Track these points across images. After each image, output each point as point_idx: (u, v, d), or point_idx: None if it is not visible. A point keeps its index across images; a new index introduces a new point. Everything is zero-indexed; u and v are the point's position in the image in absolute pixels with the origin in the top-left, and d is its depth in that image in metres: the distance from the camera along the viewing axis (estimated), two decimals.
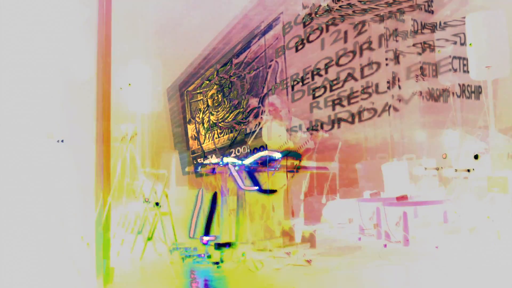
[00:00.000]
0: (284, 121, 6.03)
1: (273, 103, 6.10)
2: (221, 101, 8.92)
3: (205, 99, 9.28)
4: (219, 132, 8.99)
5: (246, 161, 5.26)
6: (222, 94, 8.90)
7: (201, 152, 9.39)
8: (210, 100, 9.15)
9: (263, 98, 8.06)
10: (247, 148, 7.82)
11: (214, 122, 9.06)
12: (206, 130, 9.29)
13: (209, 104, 9.17)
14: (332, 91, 7.44)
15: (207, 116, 9.24)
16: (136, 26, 7.35)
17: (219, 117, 8.96)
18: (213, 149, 9.05)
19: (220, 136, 8.97)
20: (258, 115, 8.02)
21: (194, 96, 9.57)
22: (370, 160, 7.07)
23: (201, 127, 9.40)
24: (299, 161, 5.46)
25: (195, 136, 9.54)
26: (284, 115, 6.05)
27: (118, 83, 6.35)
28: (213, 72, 9.08)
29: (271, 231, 5.19)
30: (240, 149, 8.29)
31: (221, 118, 8.90)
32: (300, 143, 5.92)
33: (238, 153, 8.28)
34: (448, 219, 5.67)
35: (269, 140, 5.82)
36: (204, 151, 9.31)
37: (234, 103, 8.65)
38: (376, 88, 7.16)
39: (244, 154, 7.94)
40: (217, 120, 8.98)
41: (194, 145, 9.58)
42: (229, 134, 8.73)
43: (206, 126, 9.28)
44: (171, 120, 9.77)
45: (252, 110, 8.27)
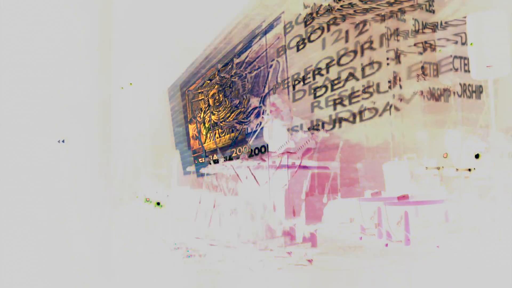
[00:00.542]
0: (285, 120, 6.04)
1: (274, 102, 6.10)
2: (222, 100, 8.92)
3: (206, 99, 9.27)
4: (220, 131, 8.98)
5: (247, 160, 5.26)
6: (223, 94, 8.90)
7: (202, 151, 9.39)
8: (211, 99, 9.15)
9: (264, 98, 8.06)
10: (248, 148, 7.82)
11: (215, 121, 9.06)
12: (207, 129, 9.29)
13: (210, 104, 9.16)
14: (333, 90, 7.44)
15: (208, 116, 9.24)
16: (137, 25, 7.35)
17: (220, 116, 8.96)
18: (214, 148, 9.05)
19: (221, 135, 8.96)
20: (259, 115, 8.02)
21: (195, 96, 9.57)
22: (371, 160, 7.06)
23: (202, 126, 9.40)
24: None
25: (196, 135, 9.54)
26: (285, 115, 6.05)
27: (119, 82, 6.35)
28: (214, 71, 9.07)
29: (272, 230, 5.19)
30: (241, 148, 8.29)
31: (222, 117, 8.90)
32: (301, 143, 5.93)
33: (239, 153, 8.28)
34: (449, 218, 5.67)
35: (270, 140, 5.83)
36: (205, 150, 9.31)
37: (235, 103, 8.65)
38: (377, 87, 7.15)
39: (245, 154, 7.94)
40: (218, 119, 8.98)
41: (195, 144, 9.59)
42: (230, 134, 8.73)
43: (207, 125, 9.28)
44: (172, 119, 9.76)
45: (253, 110, 8.27)
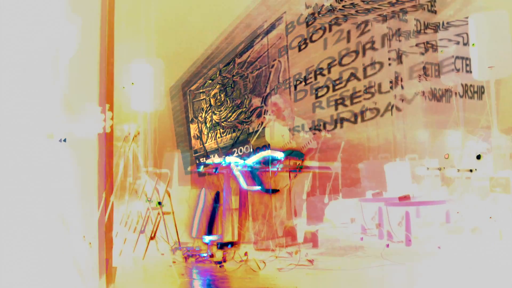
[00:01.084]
0: (287, 120, 6.04)
1: (275, 102, 6.10)
2: (223, 100, 8.92)
3: (207, 99, 9.27)
4: (221, 131, 8.98)
5: (248, 160, 5.27)
6: (225, 94, 8.90)
7: (203, 151, 9.39)
8: (212, 99, 9.15)
9: (265, 98, 8.06)
10: (250, 148, 7.82)
11: (217, 121, 9.06)
12: (208, 129, 9.29)
13: (212, 104, 9.16)
14: (334, 90, 7.44)
15: (210, 116, 9.24)
16: (139, 25, 7.36)
17: (221, 116, 8.96)
18: (215, 148, 9.05)
19: (222, 135, 8.97)
20: (260, 115, 8.02)
21: (196, 96, 9.57)
22: (373, 160, 7.06)
23: (204, 126, 9.40)
24: (302, 161, 5.47)
25: (198, 135, 9.54)
26: (287, 115, 6.05)
27: (121, 82, 6.36)
28: (216, 71, 9.07)
29: (273, 230, 5.19)
30: (242, 148, 8.29)
31: (224, 117, 8.90)
32: (302, 143, 5.93)
33: (240, 153, 8.28)
34: (451, 219, 5.67)
35: (271, 140, 5.82)
36: (206, 150, 9.31)
37: (236, 103, 8.65)
38: (379, 88, 7.16)
39: (246, 154, 7.94)
40: (220, 119, 8.98)
41: (196, 144, 9.58)
42: (232, 134, 8.73)
43: (208, 125, 9.28)
44: (174, 119, 9.76)
45: (255, 110, 8.27)
